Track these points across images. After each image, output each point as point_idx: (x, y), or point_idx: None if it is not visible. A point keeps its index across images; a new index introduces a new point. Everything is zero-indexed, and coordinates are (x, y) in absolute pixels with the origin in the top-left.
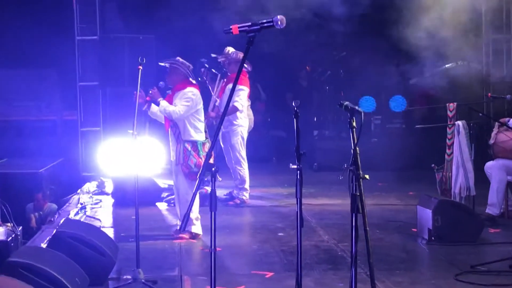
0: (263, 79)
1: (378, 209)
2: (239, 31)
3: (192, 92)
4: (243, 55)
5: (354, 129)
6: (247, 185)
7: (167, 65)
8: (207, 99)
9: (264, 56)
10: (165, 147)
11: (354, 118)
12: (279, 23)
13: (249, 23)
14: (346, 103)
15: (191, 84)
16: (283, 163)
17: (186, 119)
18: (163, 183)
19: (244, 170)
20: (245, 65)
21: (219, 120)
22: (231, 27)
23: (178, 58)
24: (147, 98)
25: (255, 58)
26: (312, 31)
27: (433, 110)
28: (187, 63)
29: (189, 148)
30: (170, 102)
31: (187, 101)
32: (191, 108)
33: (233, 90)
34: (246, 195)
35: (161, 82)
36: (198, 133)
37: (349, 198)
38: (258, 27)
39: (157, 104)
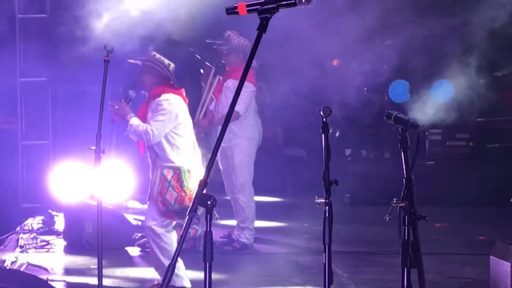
0: (269, 76)
1: (434, 260)
2: (248, 10)
3: (168, 101)
4: (245, 42)
5: (407, 150)
6: (252, 224)
7: (138, 62)
8: (195, 104)
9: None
10: (138, 171)
11: (407, 134)
12: (303, 0)
13: (262, 0)
14: (396, 113)
15: (170, 89)
16: (301, 194)
17: (164, 137)
18: (134, 219)
19: (249, 202)
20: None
21: (220, 129)
22: (236, 5)
23: (154, 53)
24: (114, 118)
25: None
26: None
27: None
28: (167, 61)
29: (169, 177)
30: (145, 114)
31: (162, 113)
32: (169, 122)
33: (240, 88)
34: (250, 238)
35: (130, 91)
36: (181, 155)
37: (396, 245)
38: (275, 5)
39: (126, 123)
